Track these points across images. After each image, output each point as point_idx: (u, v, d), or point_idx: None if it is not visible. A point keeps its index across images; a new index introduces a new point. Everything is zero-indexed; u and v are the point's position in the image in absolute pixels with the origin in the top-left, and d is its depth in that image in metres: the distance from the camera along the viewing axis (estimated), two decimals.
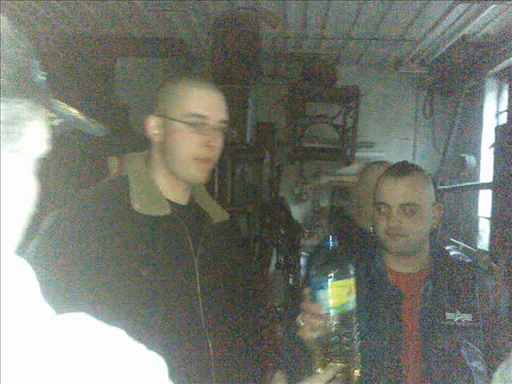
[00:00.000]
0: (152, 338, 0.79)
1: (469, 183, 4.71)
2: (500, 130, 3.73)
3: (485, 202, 4.55)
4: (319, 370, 1.04)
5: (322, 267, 1.07)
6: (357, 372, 1.05)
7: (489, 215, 4.15)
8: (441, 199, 4.32)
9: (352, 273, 1.07)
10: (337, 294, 1.05)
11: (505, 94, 4.76)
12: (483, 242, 4.57)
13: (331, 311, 1.05)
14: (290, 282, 4.23)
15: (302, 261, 4.22)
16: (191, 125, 1.22)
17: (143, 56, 4.67)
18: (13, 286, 0.50)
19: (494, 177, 3.71)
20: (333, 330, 1.05)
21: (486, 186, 4.35)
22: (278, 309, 4.12)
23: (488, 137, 4.58)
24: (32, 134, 0.53)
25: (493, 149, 3.81)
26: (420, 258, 1.51)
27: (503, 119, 4.66)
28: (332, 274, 1.04)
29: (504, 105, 4.77)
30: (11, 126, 0.50)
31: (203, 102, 1.24)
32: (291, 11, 4.11)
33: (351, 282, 1.07)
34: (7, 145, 0.50)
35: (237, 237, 1.55)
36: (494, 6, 3.65)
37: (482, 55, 4.45)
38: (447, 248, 3.88)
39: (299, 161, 5.49)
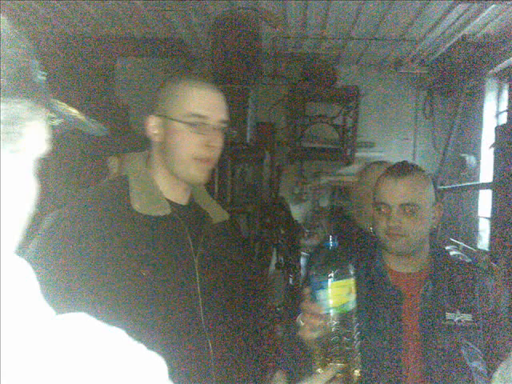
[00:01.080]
0: (152, 338, 0.79)
1: (469, 183, 4.71)
2: (500, 130, 3.73)
3: (485, 202, 4.55)
4: (319, 369, 1.04)
5: (322, 267, 1.07)
6: (357, 372, 1.04)
7: (489, 215, 4.15)
8: (441, 199, 4.32)
9: (352, 273, 1.07)
10: (337, 294, 1.05)
11: (505, 94, 4.76)
12: (483, 242, 4.57)
13: (331, 311, 1.05)
14: (290, 282, 4.23)
15: (302, 261, 4.22)
16: (191, 125, 1.22)
17: (143, 56, 4.67)
18: (13, 285, 0.50)
19: (494, 177, 3.71)
20: (333, 330, 1.05)
21: (485, 185, 4.35)
22: (277, 309, 4.12)
23: (488, 137, 4.58)
24: (32, 134, 0.53)
25: (493, 149, 3.81)
26: (420, 258, 1.51)
27: (503, 119, 4.66)
28: (332, 274, 1.04)
29: (504, 105, 4.77)
30: (11, 126, 0.50)
31: (203, 102, 1.24)
32: (291, 11, 4.11)
33: (351, 281, 1.07)
34: (7, 145, 0.50)
35: (237, 237, 1.55)
36: (494, 5, 3.65)
37: (482, 55, 4.45)
38: (447, 248, 3.88)
39: (299, 161, 5.49)
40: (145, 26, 4.46)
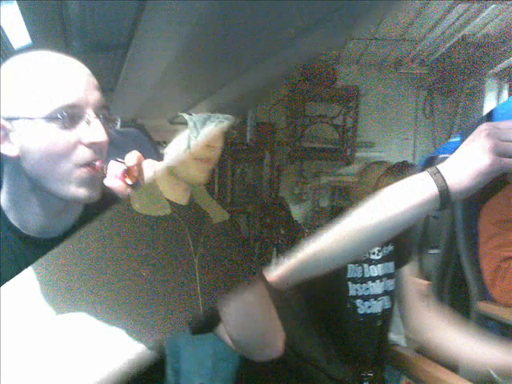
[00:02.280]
0: (152, 338, 0.79)
1: None
2: None
3: None
4: None
5: None
6: None
7: None
8: None
9: None
10: None
11: (505, 94, 4.75)
12: None
13: None
14: None
15: None
16: None
17: None
18: (13, 286, 0.50)
19: None
20: None
21: None
22: None
23: None
24: None
25: None
26: None
27: None
28: None
29: None
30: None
31: None
32: None
33: None
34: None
35: (237, 237, 1.54)
36: (494, 5, 3.65)
37: (482, 55, 4.44)
38: None
39: (299, 161, 5.47)
40: None
